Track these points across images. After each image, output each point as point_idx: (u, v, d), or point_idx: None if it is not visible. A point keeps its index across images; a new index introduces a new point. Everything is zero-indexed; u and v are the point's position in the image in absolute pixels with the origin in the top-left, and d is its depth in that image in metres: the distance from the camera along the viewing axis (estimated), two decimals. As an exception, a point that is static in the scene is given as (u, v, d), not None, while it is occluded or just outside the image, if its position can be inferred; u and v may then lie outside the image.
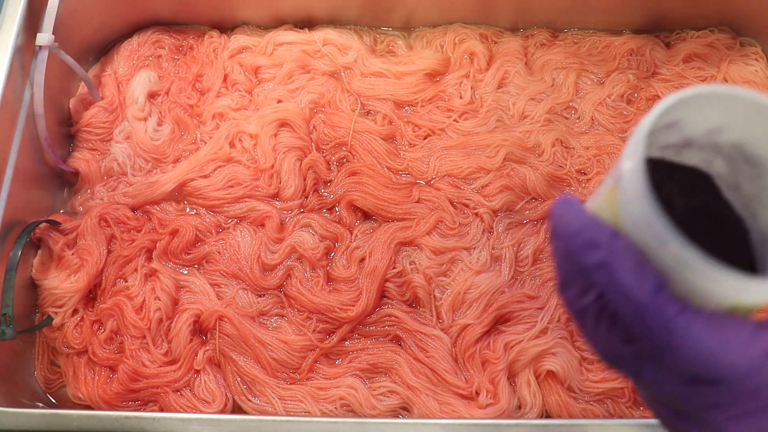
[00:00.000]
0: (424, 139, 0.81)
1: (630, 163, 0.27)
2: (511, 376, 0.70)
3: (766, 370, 0.26)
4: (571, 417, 0.67)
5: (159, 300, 0.71)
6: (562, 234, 0.29)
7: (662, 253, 0.26)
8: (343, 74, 0.84)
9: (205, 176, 0.77)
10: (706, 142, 0.32)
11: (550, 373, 0.69)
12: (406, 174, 0.79)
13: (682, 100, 0.29)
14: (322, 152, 0.80)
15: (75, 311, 0.72)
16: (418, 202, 0.77)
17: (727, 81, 0.84)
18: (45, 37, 0.72)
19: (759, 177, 0.32)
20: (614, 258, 0.26)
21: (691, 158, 0.34)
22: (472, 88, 0.83)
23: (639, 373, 0.27)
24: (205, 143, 0.80)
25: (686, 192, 0.33)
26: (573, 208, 0.29)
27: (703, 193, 0.34)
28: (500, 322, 0.71)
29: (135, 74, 0.84)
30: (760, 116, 0.30)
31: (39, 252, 0.75)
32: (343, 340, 0.71)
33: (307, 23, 0.88)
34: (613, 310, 0.27)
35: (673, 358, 0.26)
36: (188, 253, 0.75)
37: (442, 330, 0.71)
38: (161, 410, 0.69)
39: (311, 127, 0.81)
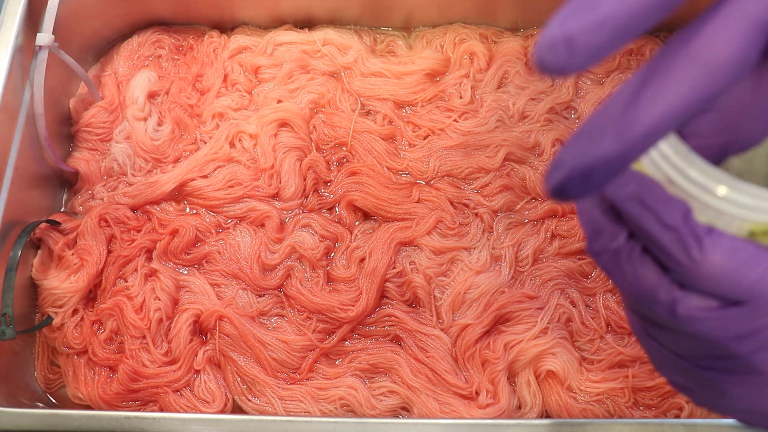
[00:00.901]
0: (424, 139, 0.81)
1: None
2: (511, 376, 0.70)
3: None
4: (571, 417, 0.67)
5: (159, 300, 0.71)
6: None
7: (683, 183, 0.28)
8: (343, 74, 0.84)
9: (205, 176, 0.77)
10: None
11: (550, 373, 0.69)
12: (406, 174, 0.79)
13: None
14: (322, 152, 0.80)
15: (75, 311, 0.72)
16: (418, 202, 0.77)
17: None
18: (45, 37, 0.72)
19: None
20: (644, 189, 0.28)
21: None
22: (472, 88, 0.83)
23: (675, 306, 0.28)
24: (205, 143, 0.80)
25: None
26: None
27: None
28: (500, 322, 0.71)
29: (135, 74, 0.84)
30: None
31: (39, 252, 0.75)
32: (343, 340, 0.71)
33: (307, 23, 0.88)
34: (643, 247, 0.29)
35: (706, 278, 0.27)
36: (188, 253, 0.75)
37: (442, 330, 0.71)
38: (161, 410, 0.69)
39: (311, 127, 0.81)
